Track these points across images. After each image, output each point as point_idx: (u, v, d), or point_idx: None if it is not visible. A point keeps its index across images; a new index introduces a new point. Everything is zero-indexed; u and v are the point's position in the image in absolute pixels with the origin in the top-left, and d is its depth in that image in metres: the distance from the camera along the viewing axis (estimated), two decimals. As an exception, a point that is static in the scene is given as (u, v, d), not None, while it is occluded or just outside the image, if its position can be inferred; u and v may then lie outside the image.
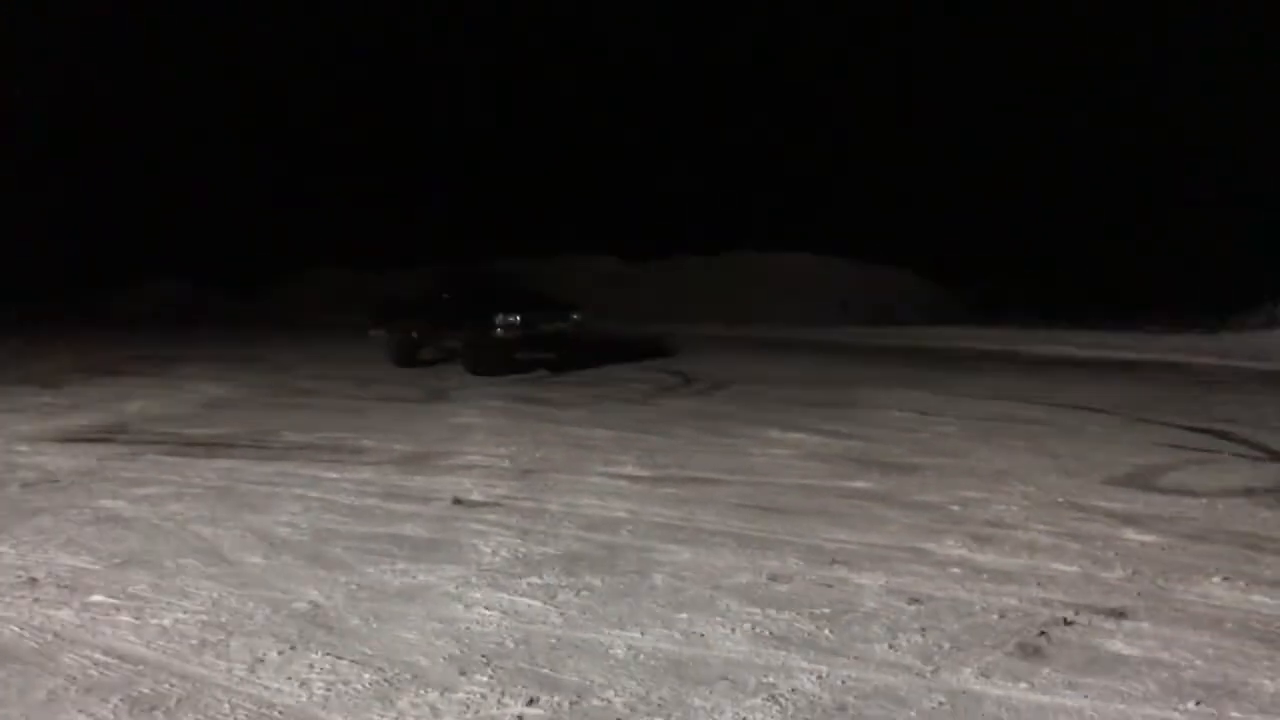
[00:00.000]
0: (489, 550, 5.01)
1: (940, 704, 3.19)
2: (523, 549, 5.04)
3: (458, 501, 6.13)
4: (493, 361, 14.44)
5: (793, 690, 3.29)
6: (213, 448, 8.10)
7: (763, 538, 5.26)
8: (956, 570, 4.67)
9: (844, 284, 38.20)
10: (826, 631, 3.84)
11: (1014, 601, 4.18)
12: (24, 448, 8.02)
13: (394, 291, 19.06)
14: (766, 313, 34.89)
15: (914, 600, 4.23)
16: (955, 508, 5.95)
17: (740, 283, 38.59)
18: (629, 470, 7.13)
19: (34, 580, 4.54)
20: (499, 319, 14.16)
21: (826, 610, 4.10)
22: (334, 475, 6.97)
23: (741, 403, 10.95)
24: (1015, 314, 34.76)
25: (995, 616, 4.00)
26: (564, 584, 4.47)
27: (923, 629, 3.86)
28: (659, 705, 3.18)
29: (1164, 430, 8.58)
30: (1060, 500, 6.06)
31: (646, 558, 4.87)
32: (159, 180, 48.01)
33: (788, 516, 5.73)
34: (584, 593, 4.35)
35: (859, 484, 6.64)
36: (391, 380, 13.63)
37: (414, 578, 4.57)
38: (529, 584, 4.46)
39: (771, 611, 4.08)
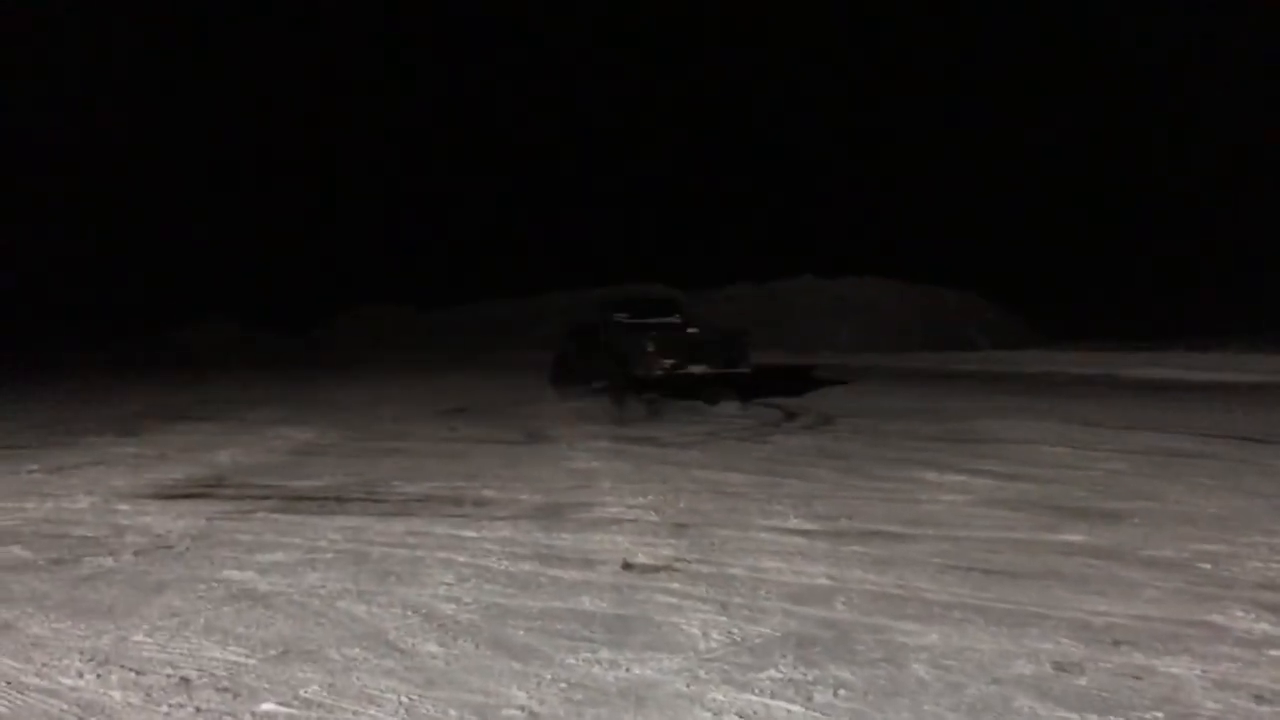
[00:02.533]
0: (697, 632, 4.25)
1: None
2: (734, 629, 4.27)
3: (628, 566, 5.38)
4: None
5: None
6: (324, 502, 7.42)
7: (1007, 610, 4.47)
8: (1275, 653, 3.84)
9: (906, 308, 37.30)
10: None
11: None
12: (125, 506, 7.38)
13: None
14: (827, 340, 34.05)
15: (1259, 698, 3.41)
16: (1205, 565, 5.15)
17: (799, 309, 37.79)
18: (794, 523, 6.36)
19: (187, 681, 3.84)
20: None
21: (1160, 715, 3.29)
22: (471, 534, 6.26)
23: (864, 440, 10.15)
24: (1085, 336, 33.68)
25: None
26: (811, 679, 3.70)
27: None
28: None
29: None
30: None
31: (887, 640, 4.09)
32: (207, 221, 48.02)
33: (1017, 581, 4.94)
34: (842, 692, 3.58)
35: (1070, 537, 5.83)
36: (477, 420, 12.97)
37: (628, 670, 3.81)
38: (771, 679, 3.69)
39: (1093, 717, 3.28)
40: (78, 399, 17.18)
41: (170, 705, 3.56)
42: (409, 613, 4.63)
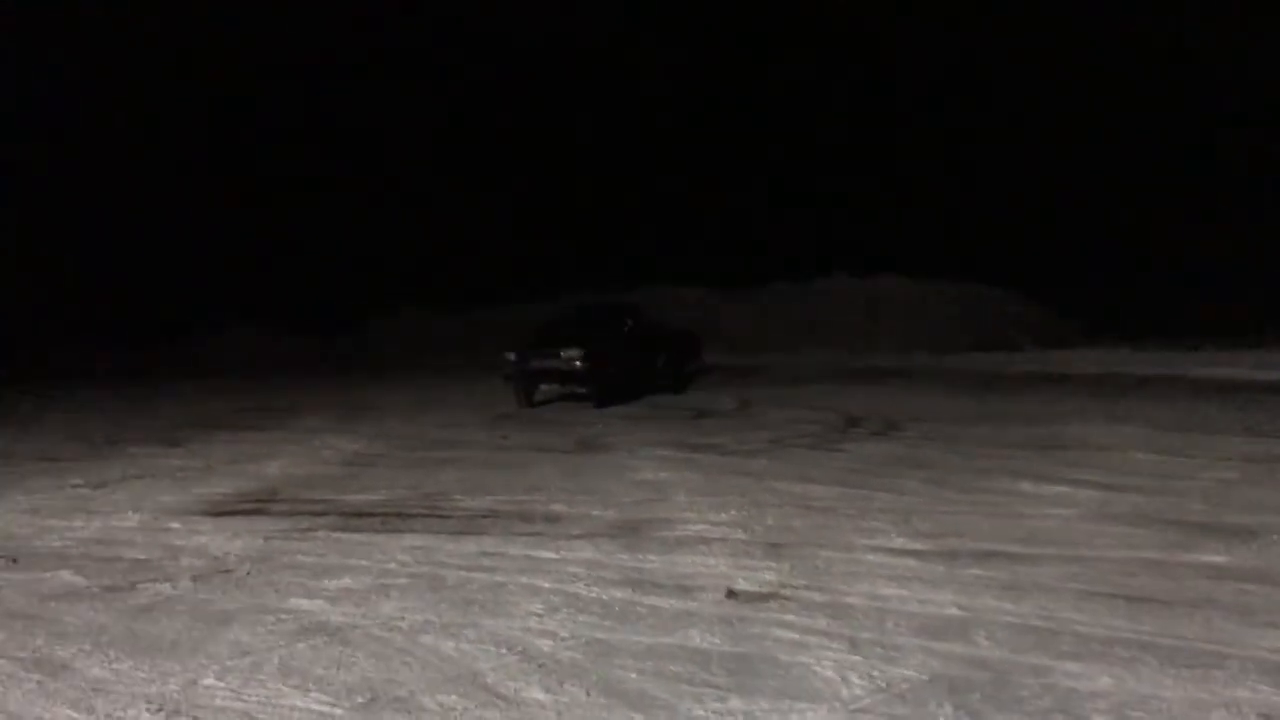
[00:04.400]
0: (832, 674, 3.75)
1: None
2: (874, 672, 3.78)
3: (732, 594, 4.89)
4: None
5: None
6: (386, 519, 6.99)
7: (1175, 647, 3.96)
8: None
9: (945, 307, 36.59)
10: None
11: None
12: (176, 524, 6.97)
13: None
14: (866, 340, 33.42)
15: None
16: (1379, 592, 4.57)
17: (835, 310, 37.15)
18: (899, 543, 5.86)
19: (269, 737, 3.38)
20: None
21: None
22: (550, 555, 5.79)
23: (942, 446, 9.62)
24: (1127, 334, 32.92)
25: None
26: (982, 734, 3.18)
27: None
28: None
29: None
30: None
31: (1052, 685, 3.59)
32: (230, 226, 47.87)
33: (1172, 611, 4.42)
34: (1025, 751, 3.06)
35: (1209, 558, 5.31)
36: (526, 426, 12.54)
37: (769, 725, 3.31)
38: (938, 736, 3.17)
39: (1337, 787, 2.75)
40: (111, 408, 16.85)
41: (256, 769, 3.09)
42: (503, 650, 4.17)
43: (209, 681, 3.88)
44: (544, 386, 15.06)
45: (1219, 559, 5.31)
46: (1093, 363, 20.52)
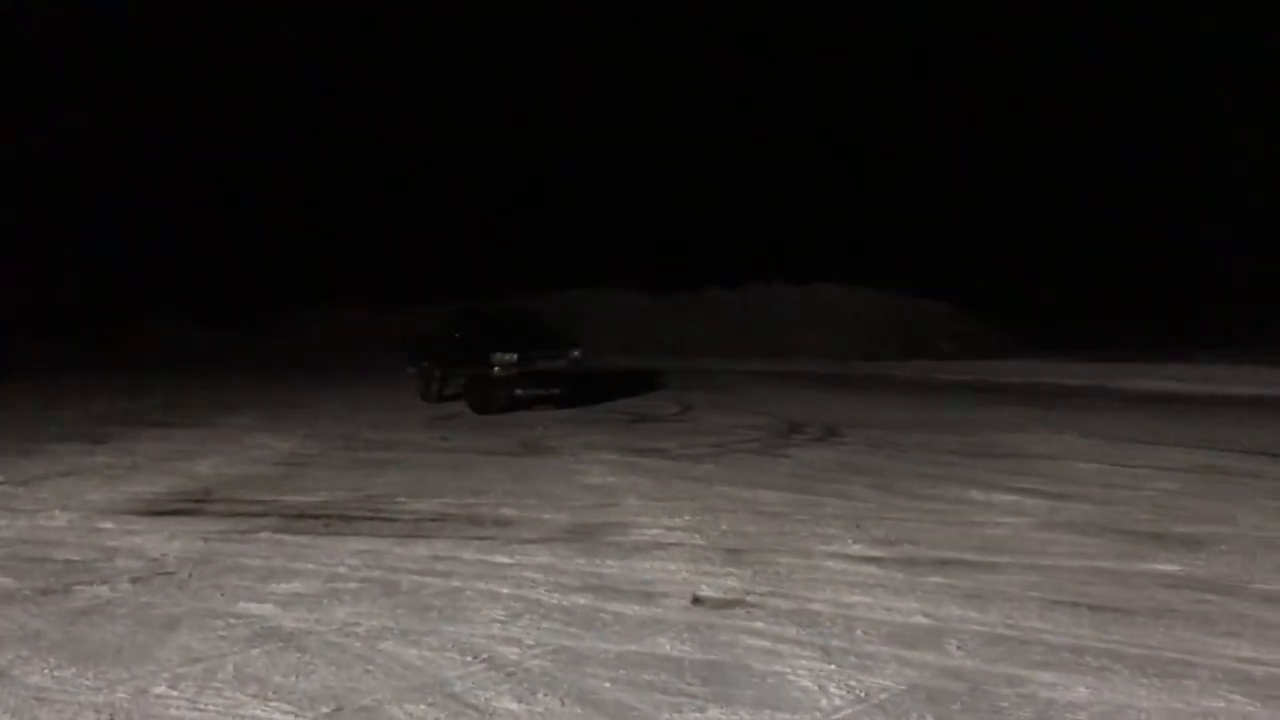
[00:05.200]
0: (810, 684, 3.70)
1: None
2: (850, 681, 3.74)
3: (697, 601, 4.81)
4: (492, 400, 14.40)
5: None
6: (330, 520, 6.79)
7: (1144, 656, 3.98)
8: None
9: (878, 315, 37.08)
10: None
11: None
12: (108, 524, 6.69)
13: (422, 331, 18.12)
14: (800, 347, 33.71)
15: None
16: (1332, 603, 4.66)
17: (771, 316, 37.42)
18: (856, 549, 5.85)
19: (232, 751, 3.21)
20: (496, 357, 14.05)
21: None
22: (505, 560, 5.66)
23: (885, 454, 9.68)
24: (1054, 345, 33.67)
25: None
26: (968, 745, 3.14)
27: None
28: None
29: None
30: None
31: (1030, 695, 3.58)
32: (157, 220, 46.63)
33: (1135, 620, 4.45)
34: (1013, 763, 3.03)
35: (1163, 566, 5.39)
36: (464, 428, 12.35)
37: (751, 736, 3.24)
38: (924, 747, 3.13)
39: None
40: (30, 405, 16.24)
41: (220, 785, 2.93)
42: (468, 658, 4.04)
43: (160, 690, 3.69)
44: (520, 392, 14.52)
45: (1172, 568, 5.37)
46: (1021, 372, 20.91)
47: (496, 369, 14.05)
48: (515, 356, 14.08)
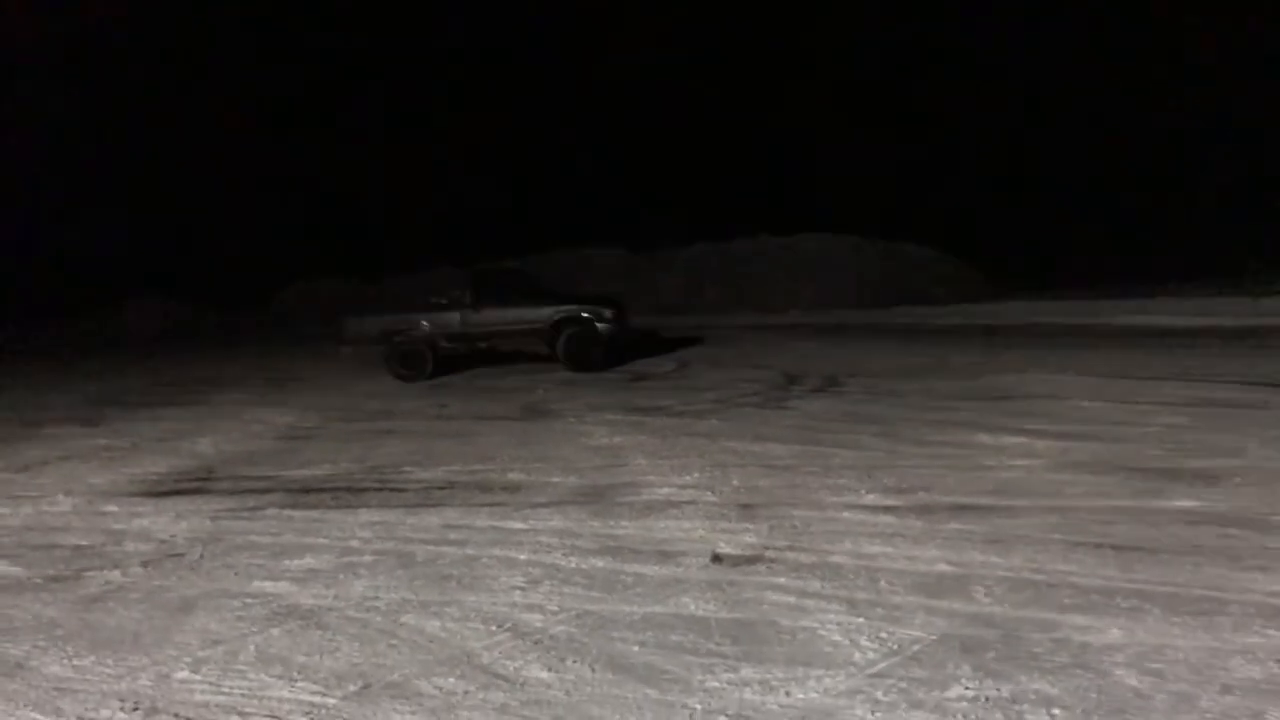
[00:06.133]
0: (839, 638, 3.65)
1: None
2: (881, 633, 3.69)
3: (717, 558, 4.76)
4: (594, 355, 14.50)
5: None
6: (337, 494, 6.71)
7: (1174, 594, 3.96)
8: None
9: (865, 263, 36.97)
10: None
11: None
12: (112, 507, 6.60)
13: (385, 301, 17.80)
14: (791, 298, 33.60)
15: None
16: (1354, 532, 4.63)
17: (757, 269, 37.27)
18: (870, 499, 5.80)
19: (261, 733, 3.15)
20: (601, 312, 14.40)
21: None
22: (519, 525, 5.60)
23: (888, 402, 9.64)
24: (1044, 284, 33.66)
25: None
26: (1008, 695, 3.12)
27: None
28: None
29: None
30: None
31: (1064, 640, 3.54)
32: (137, 197, 46.08)
33: (1159, 558, 4.42)
34: (1056, 711, 3.00)
35: (1183, 503, 5.35)
36: (463, 395, 12.25)
37: (788, 694, 3.21)
38: (964, 699, 3.11)
39: (1374, 731, 2.74)
40: (20, 388, 16.08)
41: (255, 770, 2.87)
42: (492, 627, 3.98)
43: (183, 675, 3.63)
44: (613, 344, 14.69)
45: (1191, 504, 5.34)
46: (1014, 314, 20.89)
47: (600, 324, 14.39)
48: (612, 311, 14.51)
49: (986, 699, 3.13)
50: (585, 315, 14.35)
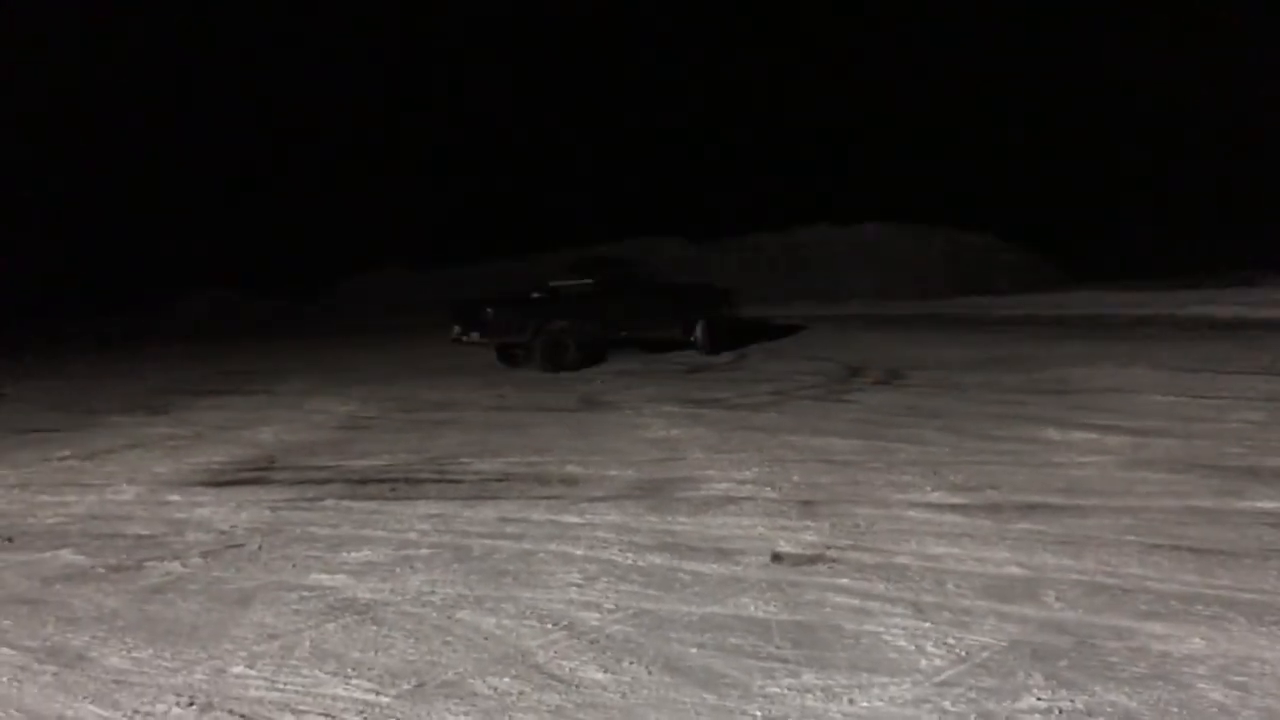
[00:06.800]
0: (905, 643, 3.53)
1: None
2: (948, 639, 3.56)
3: (777, 558, 4.65)
4: (725, 339, 15.39)
5: None
6: (395, 485, 6.71)
7: (1260, 602, 3.79)
8: None
9: (926, 253, 36.46)
10: None
11: None
12: (175, 497, 6.66)
13: (494, 291, 17.69)
14: (851, 287, 33.25)
15: None
16: None
17: (817, 259, 36.93)
18: (936, 497, 5.64)
19: (315, 733, 3.11)
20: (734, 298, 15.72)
21: None
22: (575, 519, 5.54)
23: (952, 395, 9.44)
24: (1107, 275, 32.92)
25: None
26: (1083, 707, 2.99)
27: None
28: None
29: None
30: None
31: (1141, 649, 3.38)
32: (193, 190, 46.82)
33: (1242, 563, 4.23)
34: (1135, 725, 2.84)
35: (1265, 504, 5.16)
36: (521, 386, 12.23)
37: (851, 703, 3.09)
38: (1037, 711, 2.97)
39: None
40: (85, 377, 16.40)
41: (307, 771, 2.83)
42: (548, 625, 3.91)
43: (239, 669, 3.61)
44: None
45: (1274, 505, 5.15)
46: (1080, 304, 20.43)
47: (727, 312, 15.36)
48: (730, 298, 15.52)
49: (1060, 710, 3.00)
50: (720, 304, 15.11)
